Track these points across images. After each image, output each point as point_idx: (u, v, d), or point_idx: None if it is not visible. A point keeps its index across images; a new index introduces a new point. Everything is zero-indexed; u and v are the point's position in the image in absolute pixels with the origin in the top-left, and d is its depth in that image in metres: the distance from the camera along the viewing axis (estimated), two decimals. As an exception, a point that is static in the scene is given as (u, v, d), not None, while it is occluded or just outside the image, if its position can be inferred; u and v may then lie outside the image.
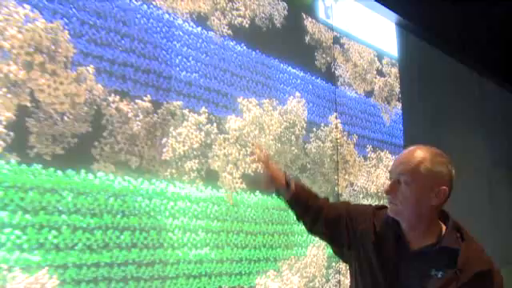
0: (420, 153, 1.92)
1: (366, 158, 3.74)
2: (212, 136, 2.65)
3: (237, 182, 2.73)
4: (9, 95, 1.95)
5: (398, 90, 4.19)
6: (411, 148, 1.99)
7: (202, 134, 2.60)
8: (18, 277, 1.88)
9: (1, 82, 1.93)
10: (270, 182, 2.09)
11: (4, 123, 1.92)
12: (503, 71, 5.91)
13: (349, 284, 3.31)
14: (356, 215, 2.11)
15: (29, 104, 2.00)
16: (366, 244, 2.01)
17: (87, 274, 2.08)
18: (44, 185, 2.00)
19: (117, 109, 2.26)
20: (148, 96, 2.39)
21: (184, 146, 2.51)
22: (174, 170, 2.45)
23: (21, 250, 1.90)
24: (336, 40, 3.66)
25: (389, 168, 3.95)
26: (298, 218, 2.38)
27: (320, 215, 2.21)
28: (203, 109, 2.63)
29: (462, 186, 1.90)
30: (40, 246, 1.96)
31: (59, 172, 2.05)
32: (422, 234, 1.89)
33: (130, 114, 2.31)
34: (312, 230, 2.24)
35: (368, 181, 3.69)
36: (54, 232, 2.00)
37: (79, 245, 2.07)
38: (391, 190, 1.90)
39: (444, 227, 1.90)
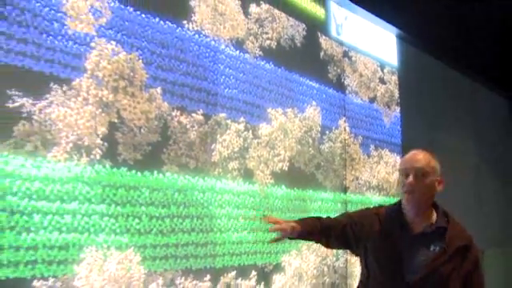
0: (426, 153, 2.49)
1: (369, 156, 4.35)
2: (248, 141, 3.24)
3: (267, 178, 3.33)
4: (103, 114, 2.52)
5: (397, 95, 4.79)
6: (418, 151, 2.51)
7: (241, 139, 3.19)
8: (114, 254, 2.48)
9: (97, 104, 2.50)
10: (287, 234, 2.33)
11: (100, 136, 2.49)
12: (493, 76, 6.52)
13: (355, 263, 3.92)
14: (359, 219, 2.61)
15: (116, 120, 2.57)
16: (373, 238, 2.52)
17: (160, 253, 2.67)
18: (129, 183, 2.58)
19: (178, 121, 2.84)
20: (200, 110, 2.97)
21: (227, 149, 3.09)
22: (220, 170, 3.04)
23: (115, 234, 2.49)
24: (345, 54, 4.24)
25: (397, 167, 4.53)
26: (316, 243, 2.82)
27: (330, 233, 2.57)
28: (241, 119, 3.21)
29: (453, 181, 2.43)
30: (127, 231, 2.55)
31: (139, 173, 2.63)
32: (423, 218, 2.43)
33: (188, 126, 2.89)
34: (328, 246, 2.68)
35: (371, 175, 4.31)
36: (136, 220, 2.59)
37: (154, 230, 2.66)
38: (415, 182, 2.43)
39: (434, 211, 2.47)
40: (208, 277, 2.88)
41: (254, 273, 3.16)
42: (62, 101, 2.37)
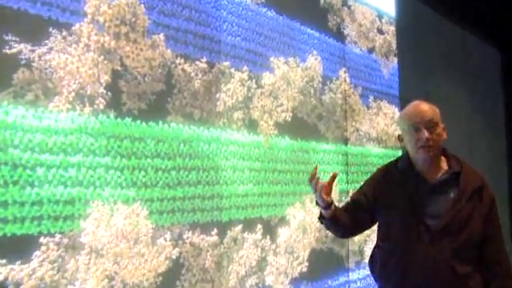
0: (428, 103, 2.43)
1: (368, 107, 4.27)
2: (252, 90, 3.12)
3: (271, 129, 3.23)
4: (105, 61, 2.36)
5: (394, 46, 4.68)
6: (420, 102, 2.45)
7: (245, 89, 3.07)
8: (121, 208, 2.38)
9: (99, 51, 2.34)
10: (321, 195, 2.34)
11: (104, 85, 2.35)
12: (486, 27, 6.44)
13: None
14: (367, 186, 2.55)
15: (119, 68, 2.42)
16: (390, 196, 2.45)
17: (167, 206, 2.58)
18: (134, 134, 2.46)
19: (182, 69, 2.70)
20: (204, 58, 2.82)
21: (232, 99, 2.97)
22: (225, 120, 2.92)
23: (121, 187, 2.39)
24: (344, 2, 4.09)
25: (396, 120, 4.46)
26: (341, 237, 2.74)
27: (350, 210, 2.50)
28: (245, 67, 3.08)
29: (448, 131, 2.38)
30: (133, 184, 2.44)
31: (144, 124, 2.50)
32: (436, 167, 2.41)
33: (192, 74, 2.75)
34: (355, 231, 2.67)
35: (370, 127, 4.25)
36: (142, 173, 2.48)
37: (160, 182, 2.56)
38: (431, 136, 2.37)
39: (444, 158, 2.44)
40: (215, 231, 2.81)
41: (259, 226, 3.11)
42: (63, 47, 2.20)
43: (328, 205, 2.37)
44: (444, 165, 2.44)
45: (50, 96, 2.15)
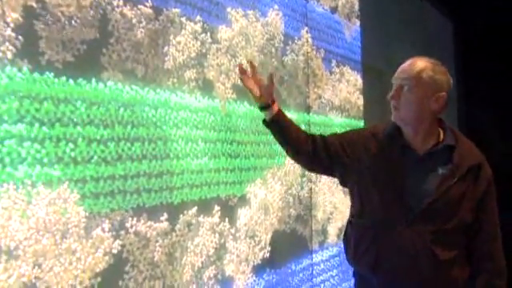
0: (422, 62, 2.08)
1: (331, 73, 3.84)
2: (206, 46, 2.58)
3: (228, 92, 2.72)
4: (14, -7, 1.74)
5: (357, 7, 4.26)
6: (413, 58, 2.12)
7: (198, 43, 2.52)
8: (42, 192, 1.79)
9: (5, -21, 1.72)
10: (258, 91, 2.16)
11: (12, 25, 1.73)
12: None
13: (319, 192, 3.52)
14: (350, 137, 2.19)
15: (35, 4, 1.80)
16: (369, 161, 2.10)
17: (104, 188, 2.02)
18: (58, 95, 1.86)
19: (121, 14, 2.11)
20: (149, 1, 2.24)
21: (183, 54, 2.42)
22: (175, 80, 2.37)
23: (41, 165, 1.80)
24: (306, -48, 3.60)
25: (359, 86, 4.10)
26: (288, 147, 2.24)
27: (316, 143, 2.17)
28: (198, 17, 2.53)
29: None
30: (59, 160, 1.86)
31: (71, 81, 1.91)
32: (425, 138, 2.07)
33: (134, 21, 2.16)
34: (312, 160, 2.20)
35: (333, 94, 3.82)
36: (70, 145, 1.90)
37: (95, 157, 1.99)
38: (395, 96, 2.06)
39: (441, 131, 2.09)
40: (165, 215, 2.28)
41: (217, 208, 2.60)
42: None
43: (265, 105, 2.15)
44: (437, 137, 2.11)
45: None
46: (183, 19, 2.43)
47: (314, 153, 2.17)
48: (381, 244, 2.03)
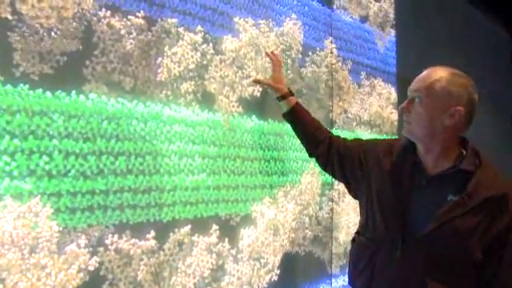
0: (438, 72, 1.88)
1: (359, 85, 3.63)
2: (208, 57, 2.48)
3: (233, 106, 2.60)
4: (-13, 5, 1.73)
5: (392, 16, 4.02)
6: (434, 67, 1.92)
7: (198, 54, 2.43)
8: (10, 206, 1.76)
9: (-23, -10, 1.71)
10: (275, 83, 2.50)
11: (-16, 37, 1.71)
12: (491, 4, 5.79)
13: (341, 213, 3.32)
14: (371, 149, 2.08)
15: (10, 17, 1.78)
16: (379, 172, 1.97)
17: (82, 202, 1.96)
18: (32, 107, 1.83)
19: (108, 25, 2.06)
20: (141, 12, 2.18)
21: (180, 66, 2.34)
22: (169, 92, 2.29)
23: (10, 178, 1.76)
24: (333, -43, 3.43)
25: (392, 100, 3.87)
26: (304, 144, 2.47)
27: (332, 143, 2.29)
28: (199, 27, 2.44)
29: None
30: (31, 173, 1.82)
31: (48, 93, 1.87)
32: (439, 157, 1.86)
33: (122, 32, 2.11)
34: (327, 164, 2.30)
35: (361, 108, 3.61)
36: (45, 158, 1.86)
37: (72, 171, 1.93)
38: (407, 108, 1.88)
39: (464, 152, 1.87)
40: (152, 233, 2.19)
41: (215, 227, 2.48)
42: None
43: (281, 95, 2.48)
44: (455, 159, 1.89)
45: None
46: (181, 29, 2.34)
47: (328, 158, 2.27)
48: (376, 266, 1.91)
